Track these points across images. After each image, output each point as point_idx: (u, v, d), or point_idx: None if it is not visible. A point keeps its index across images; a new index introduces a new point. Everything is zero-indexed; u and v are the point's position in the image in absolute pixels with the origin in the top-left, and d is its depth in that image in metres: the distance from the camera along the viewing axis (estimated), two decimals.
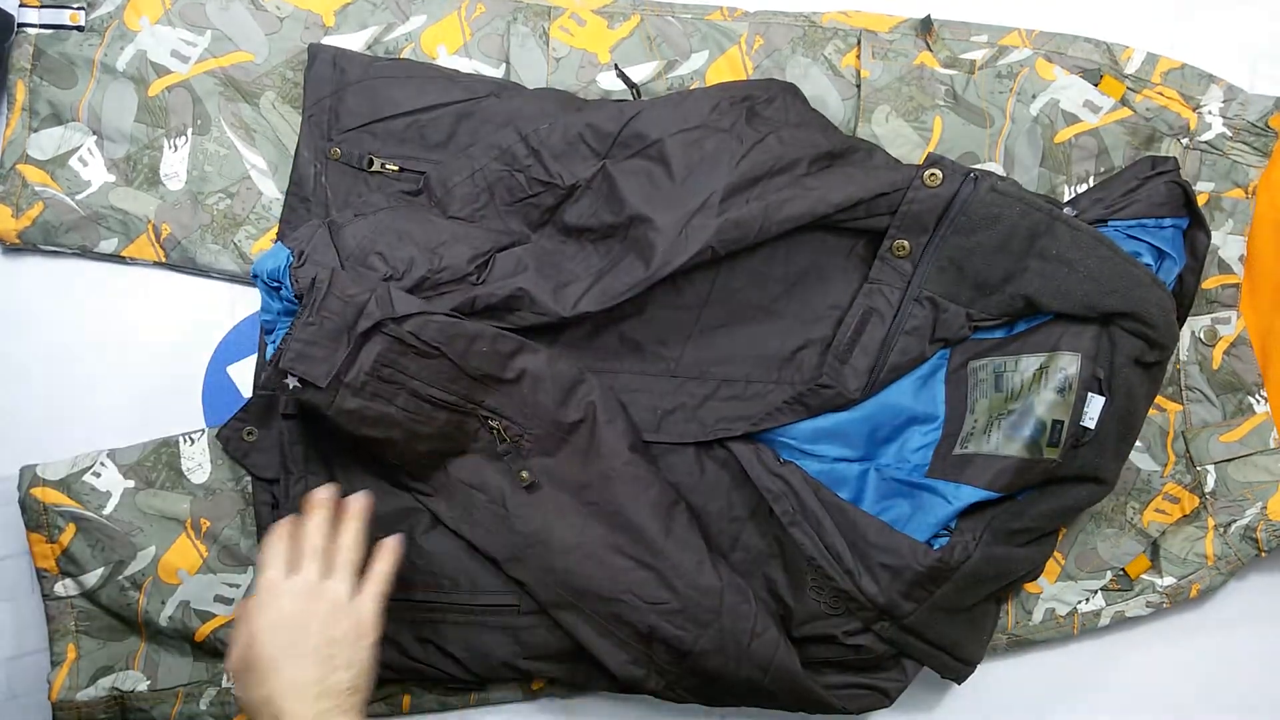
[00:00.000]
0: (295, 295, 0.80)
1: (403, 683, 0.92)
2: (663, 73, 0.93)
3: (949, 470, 0.85)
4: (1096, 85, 0.92)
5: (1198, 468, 0.93)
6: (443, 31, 0.93)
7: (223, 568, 0.90)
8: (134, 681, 0.90)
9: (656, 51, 0.94)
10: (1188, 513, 0.93)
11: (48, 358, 0.94)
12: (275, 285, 0.82)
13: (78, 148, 0.92)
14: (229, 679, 0.90)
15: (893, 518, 0.84)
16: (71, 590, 0.89)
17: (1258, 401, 0.93)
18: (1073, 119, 0.92)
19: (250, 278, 0.87)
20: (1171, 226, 0.84)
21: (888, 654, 0.85)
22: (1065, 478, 0.82)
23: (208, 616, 0.89)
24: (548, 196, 0.87)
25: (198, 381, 0.94)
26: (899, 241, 0.83)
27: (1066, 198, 0.91)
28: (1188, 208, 0.85)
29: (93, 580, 0.89)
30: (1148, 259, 0.83)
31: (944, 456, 0.86)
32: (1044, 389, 0.82)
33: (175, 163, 0.93)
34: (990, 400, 0.85)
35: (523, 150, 0.87)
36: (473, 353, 0.81)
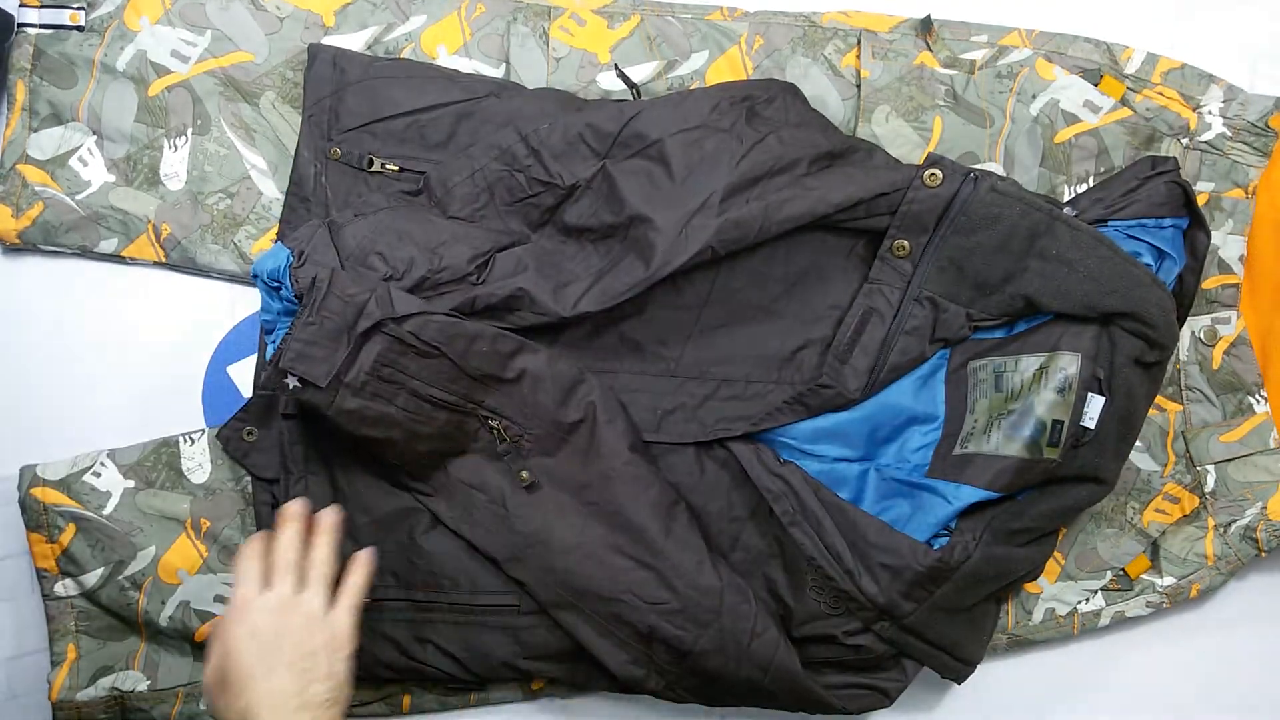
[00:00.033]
0: (295, 295, 0.80)
1: (403, 683, 0.92)
2: (663, 73, 0.93)
3: (949, 470, 0.85)
4: (1096, 85, 0.92)
5: (1198, 468, 0.93)
6: (443, 31, 0.93)
7: (223, 568, 0.90)
8: (134, 681, 0.90)
9: (656, 51, 0.94)
10: (1188, 513, 0.93)
11: (48, 358, 0.94)
12: (275, 285, 0.82)
13: (78, 148, 0.92)
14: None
15: (893, 518, 0.84)
16: (71, 590, 0.89)
17: (1258, 401, 0.93)
18: (1073, 119, 0.92)
19: (250, 278, 0.87)
20: (1171, 226, 0.84)
21: (888, 654, 0.85)
22: (1065, 478, 0.82)
23: (208, 616, 0.89)
24: (548, 196, 0.87)
25: (198, 381, 0.94)
26: (899, 241, 0.83)
27: (1066, 198, 0.91)
28: (1188, 208, 0.85)
29: (93, 580, 0.89)
30: (1148, 259, 0.83)
31: (944, 456, 0.86)
32: (1044, 389, 0.82)
33: (175, 163, 0.93)
34: (990, 400, 0.85)
35: (523, 150, 0.87)
36: (473, 353, 0.81)
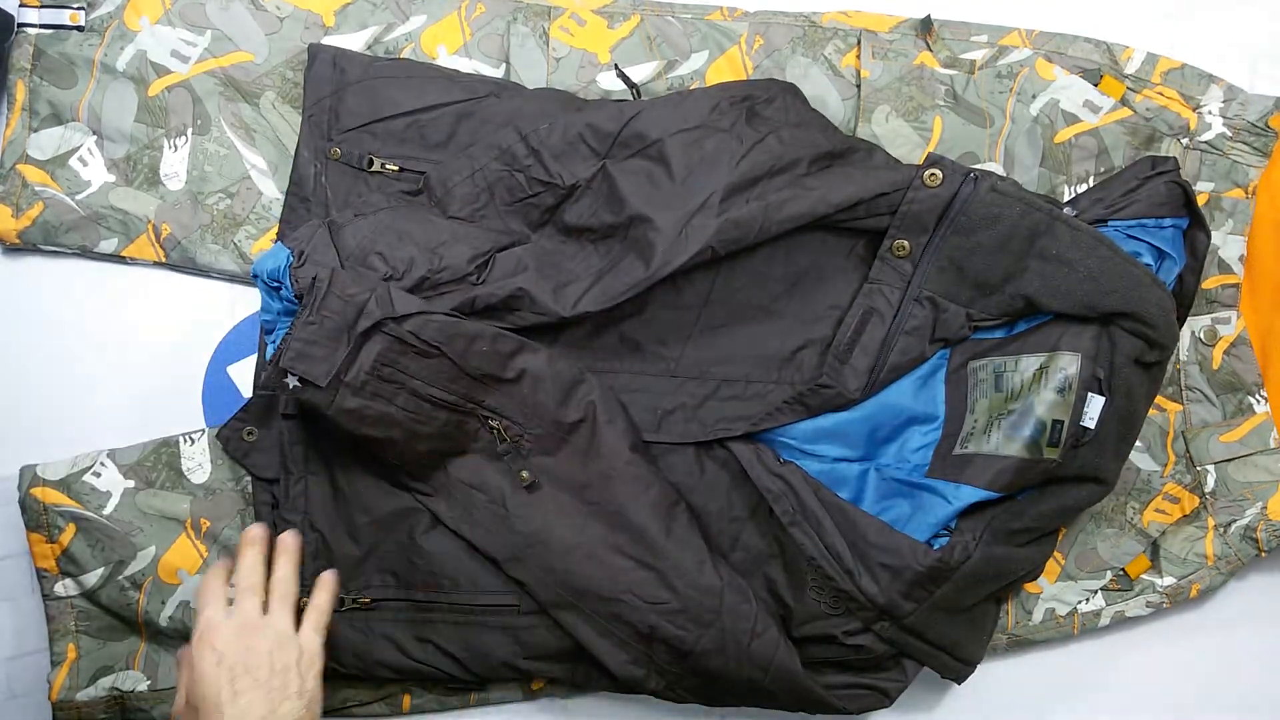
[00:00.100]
0: (295, 295, 0.80)
1: (403, 683, 0.91)
2: (663, 73, 0.93)
3: (949, 470, 0.85)
4: (1096, 85, 0.92)
5: (1198, 468, 0.93)
6: (443, 31, 0.93)
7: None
8: (134, 681, 0.90)
9: (656, 51, 0.94)
10: (1188, 513, 0.93)
11: (48, 358, 0.94)
12: (275, 285, 0.82)
13: (78, 148, 0.92)
14: None
15: (893, 518, 0.84)
16: (71, 590, 0.89)
17: (1258, 401, 0.93)
18: (1073, 119, 0.91)
19: (250, 278, 0.87)
20: (1171, 226, 0.84)
21: (888, 654, 0.85)
22: (1065, 478, 0.82)
23: None
24: (548, 196, 0.87)
25: (198, 381, 0.94)
26: (899, 241, 0.83)
27: (1066, 198, 0.91)
28: (1188, 208, 0.85)
29: (93, 580, 0.89)
30: (1148, 259, 0.83)
31: (944, 456, 0.86)
32: (1044, 389, 0.82)
33: (175, 163, 0.92)
34: (990, 400, 0.85)
35: (523, 150, 0.87)
36: (473, 352, 0.81)
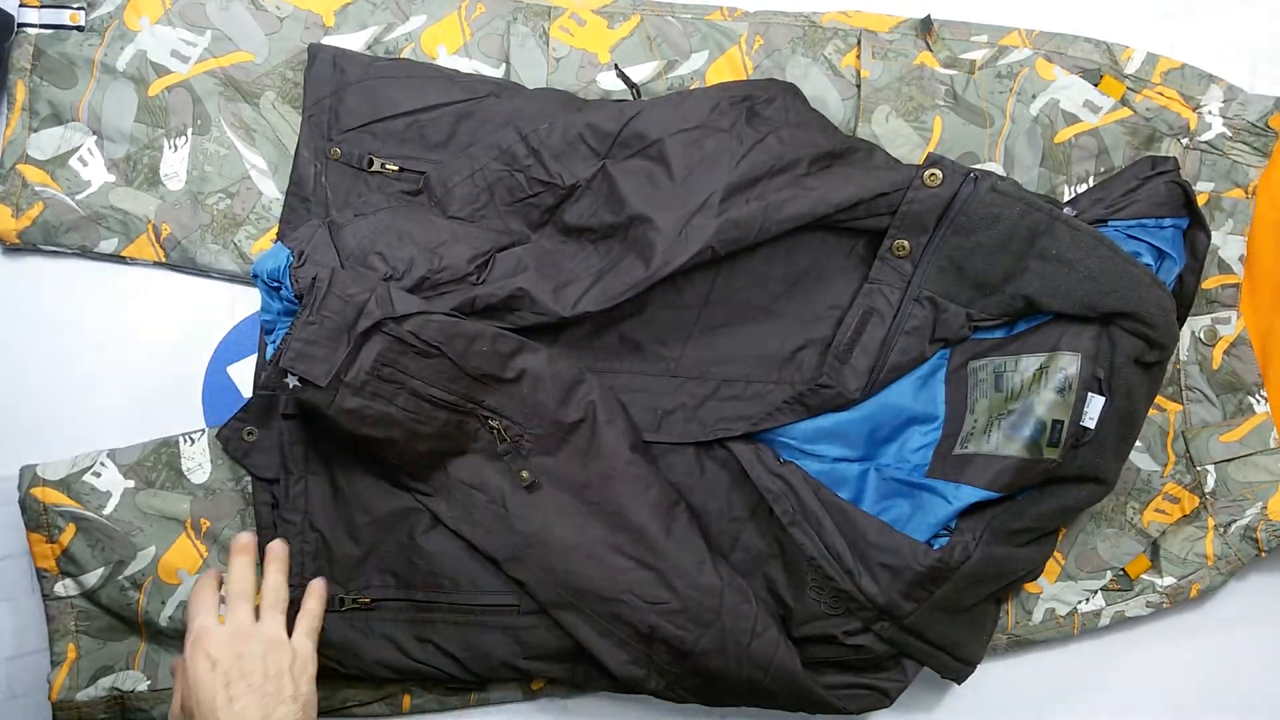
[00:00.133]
0: (295, 295, 0.80)
1: (403, 683, 0.91)
2: (663, 73, 0.93)
3: (949, 470, 0.85)
4: (1096, 85, 0.92)
5: (1198, 468, 0.93)
6: (443, 31, 0.93)
7: (223, 567, 0.89)
8: (134, 681, 0.90)
9: (656, 51, 0.94)
10: (1188, 513, 0.93)
11: (48, 358, 0.94)
12: (275, 285, 0.82)
13: (78, 148, 0.92)
14: None
15: (893, 518, 0.84)
16: (71, 590, 0.89)
17: (1258, 401, 0.93)
18: (1073, 119, 0.91)
19: (250, 278, 0.87)
20: (1171, 226, 0.84)
21: (888, 654, 0.85)
22: (1065, 478, 0.82)
23: None
24: (548, 196, 0.87)
25: (198, 381, 0.94)
26: (899, 241, 0.83)
27: (1066, 198, 0.91)
28: (1188, 208, 0.85)
29: (93, 580, 0.89)
30: (1148, 259, 0.83)
31: (944, 456, 0.86)
32: (1044, 389, 0.82)
33: (175, 163, 0.92)
34: (990, 400, 0.85)
35: (523, 150, 0.87)
36: (473, 352, 0.81)
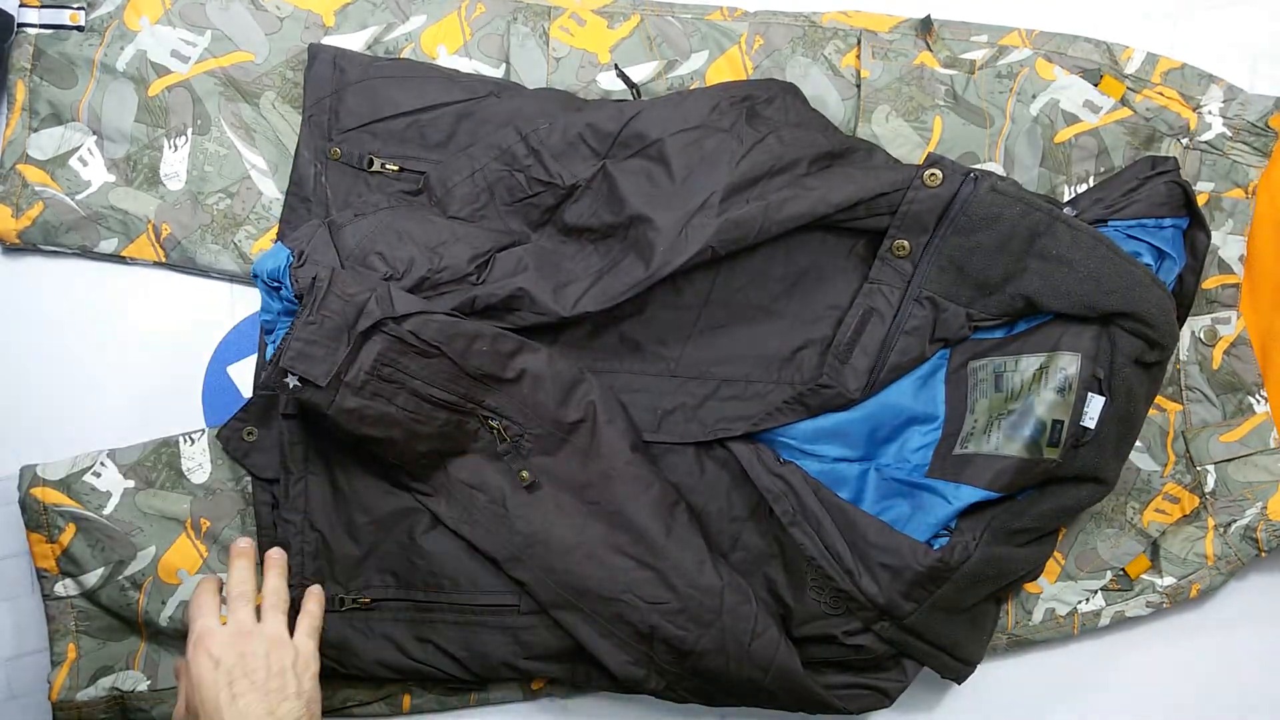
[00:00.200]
0: (295, 295, 0.80)
1: (403, 683, 0.91)
2: (663, 73, 0.93)
3: (949, 470, 0.85)
4: (1096, 85, 0.92)
5: (1198, 468, 0.93)
6: (443, 31, 0.93)
7: (223, 568, 0.90)
8: (134, 681, 0.90)
9: (656, 51, 0.94)
10: (1188, 513, 0.93)
11: (48, 358, 0.94)
12: (275, 285, 0.82)
13: (78, 148, 0.92)
14: None
15: (893, 518, 0.84)
16: (71, 590, 0.89)
17: (1258, 401, 0.93)
18: (1073, 119, 0.91)
19: (250, 278, 0.87)
20: (1171, 226, 0.84)
21: (888, 654, 0.85)
22: (1065, 478, 0.82)
23: None
24: (548, 196, 0.87)
25: (198, 381, 0.94)
26: (899, 241, 0.83)
27: (1066, 198, 0.91)
28: (1188, 208, 0.85)
29: (93, 580, 0.89)
30: (1148, 259, 0.83)
31: (944, 456, 0.86)
32: (1044, 389, 0.82)
33: (175, 163, 0.93)
34: (990, 400, 0.85)
35: (523, 150, 0.87)
36: (473, 352, 0.81)
